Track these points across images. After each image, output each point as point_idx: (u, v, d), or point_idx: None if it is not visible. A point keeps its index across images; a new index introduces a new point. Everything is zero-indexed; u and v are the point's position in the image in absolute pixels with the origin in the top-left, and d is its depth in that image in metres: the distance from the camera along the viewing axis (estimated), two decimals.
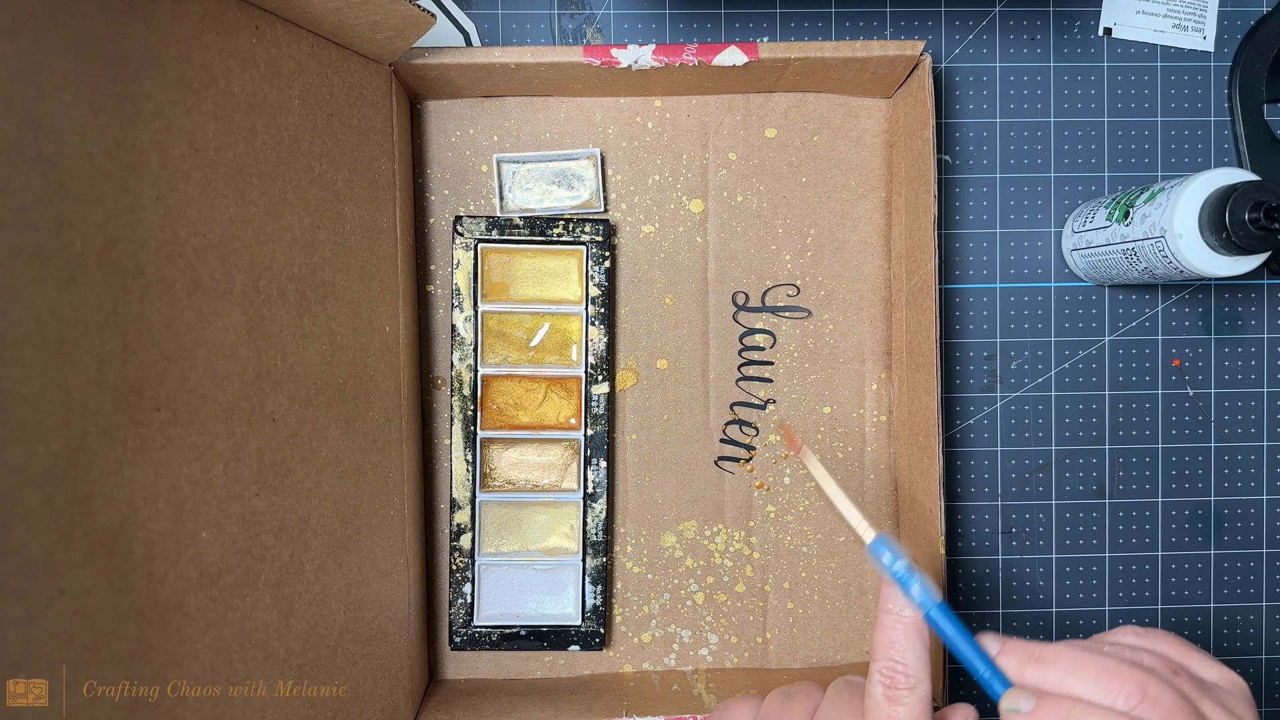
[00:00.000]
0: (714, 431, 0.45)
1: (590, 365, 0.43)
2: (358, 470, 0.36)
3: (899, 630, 0.30)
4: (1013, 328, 0.46)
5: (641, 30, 0.45)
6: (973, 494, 0.46)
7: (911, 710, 0.29)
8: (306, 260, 0.33)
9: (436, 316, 0.44)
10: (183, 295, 0.26)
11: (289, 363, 0.31)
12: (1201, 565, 0.46)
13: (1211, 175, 0.37)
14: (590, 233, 0.42)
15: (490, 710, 0.41)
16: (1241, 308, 0.46)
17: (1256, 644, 0.46)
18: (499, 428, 0.43)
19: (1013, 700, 0.28)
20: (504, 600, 0.44)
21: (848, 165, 0.44)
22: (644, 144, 0.44)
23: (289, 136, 0.32)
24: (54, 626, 0.21)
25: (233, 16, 0.29)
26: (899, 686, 0.29)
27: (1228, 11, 0.45)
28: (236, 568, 0.28)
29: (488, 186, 0.44)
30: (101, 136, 0.23)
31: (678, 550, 0.45)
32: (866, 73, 0.41)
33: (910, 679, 0.29)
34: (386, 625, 0.38)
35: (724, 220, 0.44)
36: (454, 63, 0.39)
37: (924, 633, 0.30)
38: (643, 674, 0.44)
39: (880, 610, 0.30)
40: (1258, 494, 0.46)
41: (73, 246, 0.22)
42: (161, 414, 0.25)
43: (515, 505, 0.43)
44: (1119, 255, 0.41)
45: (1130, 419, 0.46)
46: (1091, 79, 0.45)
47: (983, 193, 0.46)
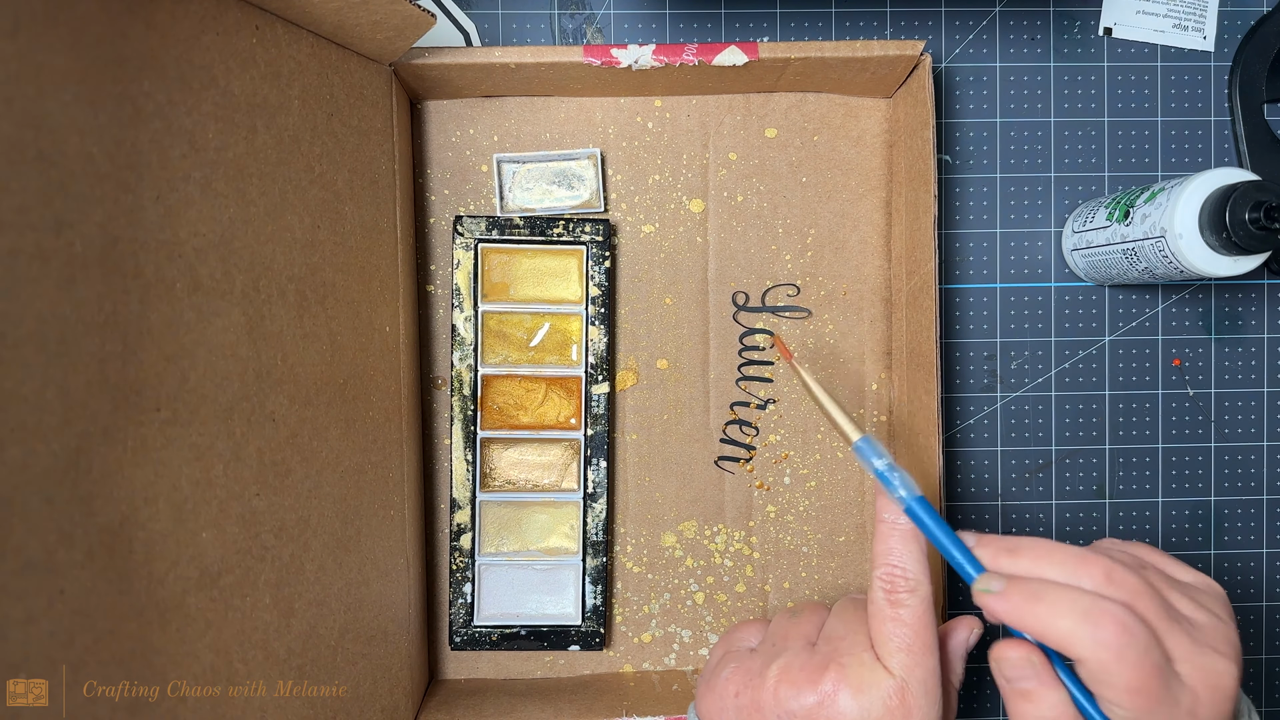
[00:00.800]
0: (714, 431, 0.45)
1: (590, 365, 0.43)
2: (358, 470, 0.36)
3: (895, 537, 0.31)
4: (1013, 328, 0.46)
5: (641, 30, 0.45)
6: (973, 494, 0.46)
7: (914, 611, 0.30)
8: (306, 260, 0.33)
9: (436, 316, 0.44)
10: (183, 295, 0.26)
11: (289, 363, 0.31)
12: (1201, 565, 0.46)
13: (1211, 175, 0.37)
14: (590, 233, 0.42)
15: (490, 710, 0.41)
16: (1241, 308, 0.46)
17: (1257, 644, 0.46)
18: (499, 428, 0.43)
19: (985, 583, 0.29)
20: (504, 600, 0.44)
21: (848, 165, 0.44)
22: (644, 144, 0.44)
23: (289, 136, 0.32)
24: (54, 626, 0.21)
25: (233, 16, 0.29)
26: (900, 590, 0.30)
27: (1228, 11, 0.45)
28: (237, 568, 0.28)
29: (488, 186, 0.44)
30: (101, 136, 0.23)
31: (678, 550, 0.45)
32: (866, 73, 0.41)
33: (910, 581, 0.30)
34: (386, 625, 0.38)
35: (724, 220, 0.44)
36: (454, 63, 0.39)
37: (920, 539, 0.31)
38: (643, 674, 0.44)
39: (877, 520, 0.31)
40: (1258, 494, 0.46)
41: (73, 246, 0.22)
42: (161, 414, 0.25)
43: (515, 505, 0.43)
44: (1119, 255, 0.41)
45: (1130, 419, 0.46)
46: (1091, 79, 0.45)
47: (983, 193, 0.46)
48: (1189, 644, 0.27)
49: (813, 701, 0.29)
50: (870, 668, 0.29)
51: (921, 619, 0.30)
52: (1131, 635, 0.26)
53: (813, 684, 0.29)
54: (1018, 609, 0.28)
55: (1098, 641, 0.26)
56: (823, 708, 0.29)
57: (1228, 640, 0.28)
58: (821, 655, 0.30)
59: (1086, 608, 0.27)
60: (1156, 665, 0.26)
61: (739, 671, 0.32)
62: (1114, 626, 0.26)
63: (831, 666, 0.30)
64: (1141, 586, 0.28)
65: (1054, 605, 0.27)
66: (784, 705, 0.29)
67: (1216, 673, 0.27)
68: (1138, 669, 0.26)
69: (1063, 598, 0.27)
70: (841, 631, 0.31)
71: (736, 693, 0.31)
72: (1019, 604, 0.28)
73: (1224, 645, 0.27)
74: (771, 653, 0.32)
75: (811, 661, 0.30)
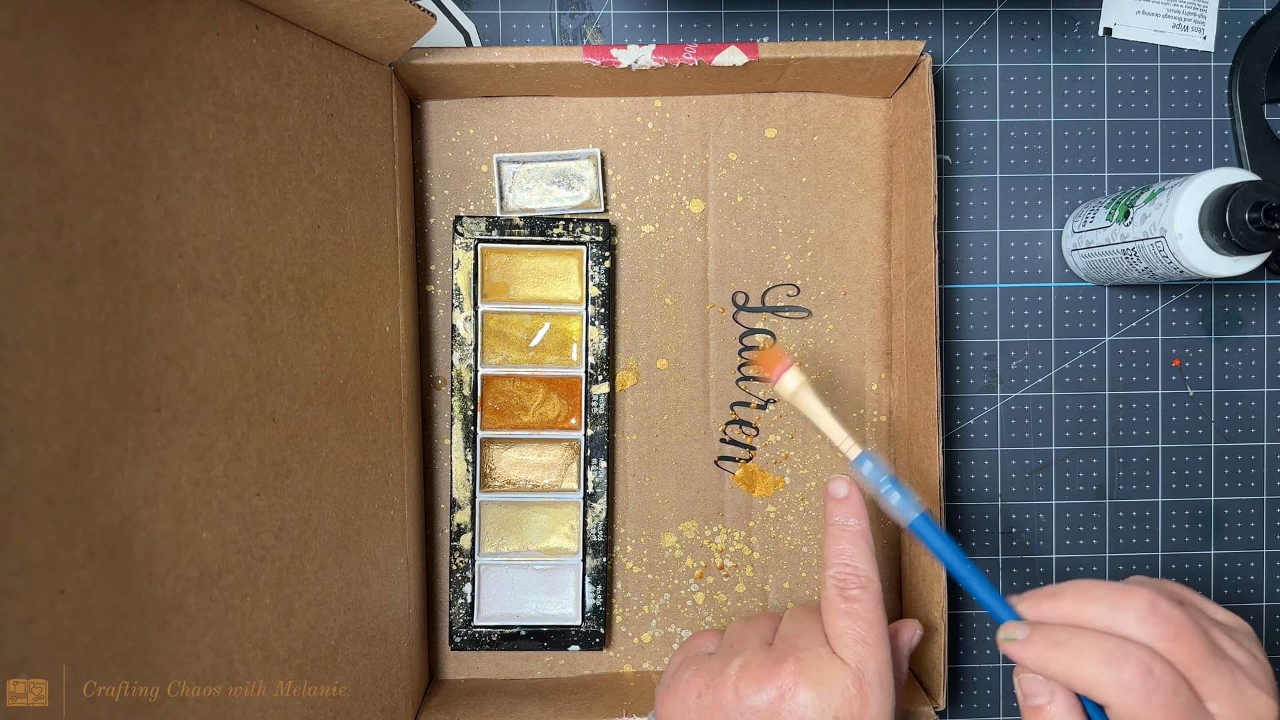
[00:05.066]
0: (714, 431, 0.45)
1: (590, 365, 0.43)
2: (358, 470, 0.36)
3: (846, 538, 0.32)
4: (1013, 328, 0.46)
5: (641, 30, 0.45)
6: (973, 494, 0.46)
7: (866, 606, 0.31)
8: (306, 260, 0.33)
9: (436, 316, 0.44)
10: (183, 295, 0.26)
11: (289, 363, 0.31)
12: (1201, 565, 0.46)
13: (1211, 175, 0.37)
14: (590, 233, 0.42)
15: (490, 710, 0.41)
16: (1241, 308, 0.46)
17: None
18: (499, 428, 0.43)
19: (1008, 631, 0.30)
20: (504, 600, 0.44)
21: (848, 165, 0.44)
22: (644, 144, 0.44)
23: (289, 137, 0.32)
24: (54, 626, 0.21)
25: (233, 16, 0.29)
26: (852, 586, 0.32)
27: (1228, 11, 0.45)
28: (237, 568, 0.28)
29: (488, 186, 0.44)
30: (102, 136, 0.23)
31: (678, 550, 0.45)
32: (866, 73, 0.41)
33: (862, 579, 0.32)
34: (386, 625, 0.38)
35: (724, 220, 0.44)
36: (454, 63, 0.39)
37: (870, 540, 0.33)
38: (643, 674, 0.44)
39: (827, 523, 0.33)
40: (1258, 494, 0.46)
41: (73, 247, 0.22)
42: (162, 414, 0.25)
43: (515, 505, 0.43)
44: (1119, 255, 0.41)
45: (1130, 419, 0.46)
46: (1091, 79, 0.45)
47: (983, 193, 0.46)
48: (1230, 684, 0.27)
49: (773, 694, 0.30)
50: (827, 659, 0.30)
51: (874, 613, 0.31)
52: (1155, 679, 0.26)
53: (773, 677, 0.30)
54: (1041, 656, 0.28)
55: (1122, 686, 0.26)
56: (783, 700, 0.30)
57: (1267, 676, 0.28)
58: (779, 651, 0.31)
59: (1110, 651, 0.27)
60: (1185, 707, 0.26)
61: (700, 673, 0.33)
62: (1138, 670, 0.26)
63: (789, 659, 0.30)
64: (1187, 622, 0.27)
65: (1077, 651, 0.27)
66: (745, 701, 0.30)
67: (1257, 715, 0.27)
68: (1164, 712, 0.26)
69: (1086, 643, 0.27)
70: (797, 630, 0.32)
71: (699, 693, 0.32)
72: (1042, 651, 0.28)
73: (1264, 681, 0.27)
74: (730, 653, 0.33)
75: (770, 657, 0.31)
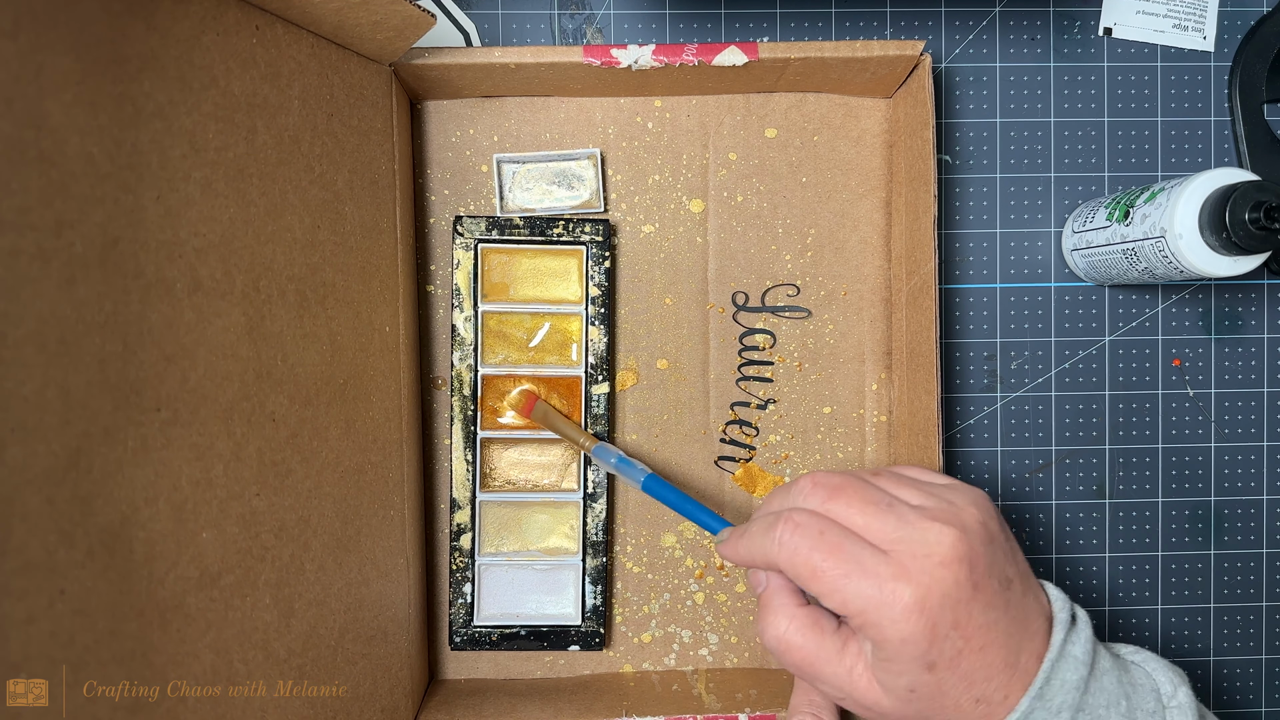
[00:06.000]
0: (714, 432, 0.45)
1: (590, 365, 0.43)
2: (358, 470, 0.36)
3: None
4: (1013, 328, 0.46)
5: (641, 30, 0.45)
6: None
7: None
8: (306, 260, 0.33)
9: (436, 316, 0.44)
10: (183, 295, 0.26)
11: (289, 363, 0.31)
12: (1201, 565, 0.46)
13: (1211, 175, 0.37)
14: (590, 233, 0.42)
15: (490, 710, 0.41)
16: (1241, 308, 0.46)
17: (1257, 644, 0.46)
18: (499, 427, 0.43)
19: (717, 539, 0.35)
20: (504, 600, 0.44)
21: (848, 165, 0.44)
22: (644, 144, 0.44)
23: (289, 137, 0.32)
24: (54, 626, 0.21)
25: (233, 16, 0.29)
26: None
27: (1228, 11, 0.45)
28: (237, 568, 0.28)
29: (488, 186, 0.44)
30: (102, 136, 0.23)
31: (678, 550, 0.45)
32: (866, 73, 0.41)
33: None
34: (386, 625, 0.38)
35: (724, 220, 0.44)
36: (454, 63, 0.39)
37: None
38: (643, 674, 0.44)
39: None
40: (1258, 494, 0.46)
41: (73, 246, 0.22)
42: (162, 414, 0.25)
43: (515, 505, 0.43)
44: (1119, 255, 0.41)
45: (1130, 419, 0.46)
46: (1091, 79, 0.45)
47: (983, 193, 0.46)
48: (895, 520, 0.29)
49: None
50: None
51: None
52: (801, 526, 0.30)
53: None
54: (732, 547, 0.33)
55: (779, 544, 0.30)
56: None
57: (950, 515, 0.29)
58: None
59: (769, 522, 0.31)
60: (834, 543, 0.29)
61: None
62: (785, 525, 0.30)
63: None
64: (844, 480, 0.31)
65: (750, 532, 0.32)
66: None
67: (926, 541, 0.28)
68: (816, 548, 0.29)
69: (754, 523, 0.32)
70: None
71: None
72: (733, 543, 0.33)
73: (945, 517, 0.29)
74: None
75: None
